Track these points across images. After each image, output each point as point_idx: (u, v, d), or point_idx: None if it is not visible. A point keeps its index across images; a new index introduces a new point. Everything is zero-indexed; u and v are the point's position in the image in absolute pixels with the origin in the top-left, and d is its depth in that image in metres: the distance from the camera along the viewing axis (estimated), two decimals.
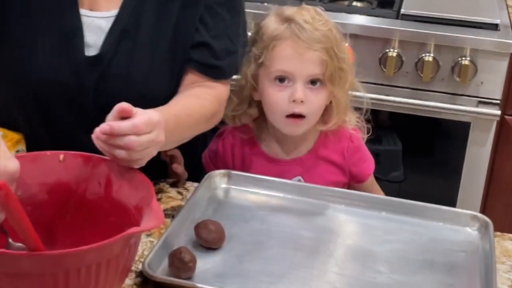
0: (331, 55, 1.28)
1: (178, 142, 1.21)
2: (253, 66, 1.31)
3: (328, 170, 1.36)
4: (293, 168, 1.35)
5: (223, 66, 1.24)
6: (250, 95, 1.34)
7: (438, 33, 1.95)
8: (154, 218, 0.88)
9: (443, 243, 1.13)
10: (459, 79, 1.95)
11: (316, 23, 1.28)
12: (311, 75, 1.28)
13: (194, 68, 1.23)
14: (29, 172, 0.98)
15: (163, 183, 1.27)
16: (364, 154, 1.39)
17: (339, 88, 1.30)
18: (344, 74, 1.31)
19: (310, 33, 1.26)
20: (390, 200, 1.24)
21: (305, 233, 1.14)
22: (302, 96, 1.27)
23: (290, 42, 1.27)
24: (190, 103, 1.19)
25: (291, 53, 1.27)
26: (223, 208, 1.19)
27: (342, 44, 1.32)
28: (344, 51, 1.32)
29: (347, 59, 1.32)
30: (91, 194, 1.00)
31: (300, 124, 1.30)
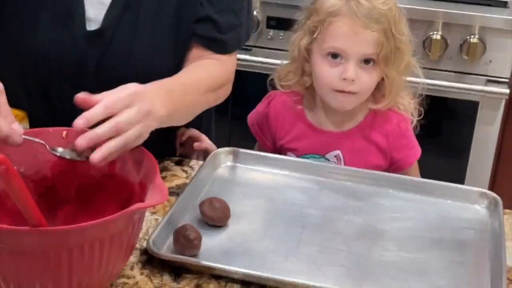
0: (388, 36, 1.24)
1: (191, 113, 1.18)
2: (307, 39, 1.29)
3: (370, 150, 1.33)
4: (334, 141, 1.33)
5: (226, 40, 1.23)
6: (302, 66, 1.33)
7: (446, 11, 1.93)
8: (158, 194, 0.86)
9: (452, 221, 1.12)
10: (467, 57, 1.93)
11: (376, 1, 1.24)
12: (365, 54, 1.25)
13: (198, 43, 1.21)
14: (32, 149, 0.96)
15: (168, 161, 1.26)
16: (409, 141, 1.35)
17: (393, 69, 1.27)
18: (400, 54, 1.27)
19: (368, 11, 1.23)
20: (398, 177, 1.22)
21: (312, 211, 1.13)
22: (354, 75, 1.25)
23: (347, 20, 1.23)
24: (197, 72, 1.18)
25: (346, 30, 1.24)
26: (228, 186, 1.18)
27: (402, 24, 1.28)
28: (403, 32, 1.28)
29: (405, 39, 1.28)
30: (95, 171, 0.98)
31: (349, 98, 1.28)
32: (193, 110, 1.18)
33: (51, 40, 1.15)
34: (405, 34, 1.28)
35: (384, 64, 1.26)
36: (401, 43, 1.27)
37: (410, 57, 1.30)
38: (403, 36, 1.27)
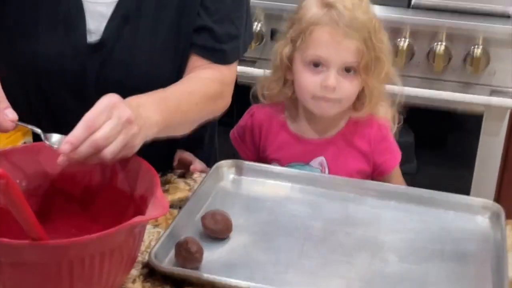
0: (368, 45, 1.26)
1: (189, 122, 1.17)
2: (289, 48, 1.31)
3: (353, 156, 1.34)
4: (318, 148, 1.34)
5: (226, 50, 1.23)
6: (284, 75, 1.34)
7: (450, 22, 1.93)
8: (158, 207, 0.87)
9: (454, 232, 1.12)
10: (471, 68, 1.93)
11: (357, 11, 1.26)
12: (346, 62, 1.27)
13: (197, 53, 1.22)
14: (34, 163, 0.98)
15: (171, 174, 1.27)
16: (390, 144, 1.37)
17: (374, 78, 1.29)
18: (380, 64, 1.29)
19: (349, 20, 1.25)
20: (399, 188, 1.22)
21: (314, 223, 1.13)
22: (335, 83, 1.26)
23: (328, 28, 1.25)
24: (190, 82, 1.18)
25: (328, 39, 1.25)
26: (230, 198, 1.18)
27: (381, 33, 1.30)
28: (383, 41, 1.30)
29: (385, 49, 1.30)
30: (96, 184, 0.99)
31: (331, 104, 1.29)
32: (191, 119, 1.17)
33: (52, 53, 1.16)
34: (385, 43, 1.31)
35: (364, 72, 1.28)
36: (381, 52, 1.29)
37: (389, 66, 1.32)
38: (382, 45, 1.29)
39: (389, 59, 1.32)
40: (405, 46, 1.92)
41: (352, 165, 1.34)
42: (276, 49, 1.34)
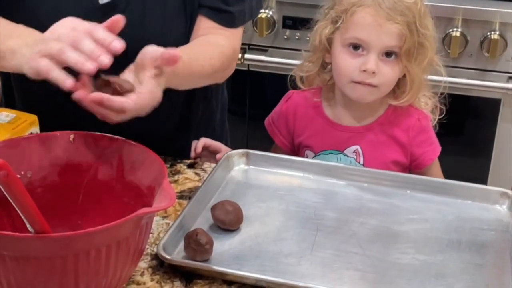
0: (412, 29, 1.22)
1: (194, 77, 1.16)
2: (329, 29, 1.27)
3: (390, 146, 1.30)
4: (353, 136, 1.31)
5: (233, 11, 1.22)
6: (322, 56, 1.31)
7: (466, 7, 1.89)
8: (165, 198, 0.84)
9: (471, 222, 1.09)
10: (488, 54, 1.89)
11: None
12: (387, 47, 1.22)
13: (204, 14, 1.22)
14: (39, 153, 0.96)
15: (180, 164, 1.24)
16: (429, 136, 1.32)
17: (416, 65, 1.25)
18: (423, 50, 1.24)
19: (393, 3, 1.21)
20: (415, 178, 1.19)
21: (327, 213, 1.10)
22: (374, 67, 1.22)
23: (371, 10, 1.21)
24: (200, 43, 1.19)
25: (370, 21, 1.21)
26: (241, 188, 1.16)
27: (427, 19, 1.25)
28: (428, 27, 1.25)
29: (430, 35, 1.25)
30: (102, 175, 0.97)
31: (369, 90, 1.25)
32: (196, 72, 1.15)
33: (63, 15, 1.14)
34: (430, 30, 1.25)
35: (406, 58, 1.23)
36: (425, 39, 1.24)
37: (433, 54, 1.27)
38: (427, 32, 1.24)
39: (433, 46, 1.27)
40: None
41: (388, 155, 1.29)
42: (316, 30, 1.30)
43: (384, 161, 1.27)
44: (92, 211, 0.97)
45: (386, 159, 1.28)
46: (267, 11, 2.01)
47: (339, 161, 1.30)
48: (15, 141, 0.97)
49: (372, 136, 1.30)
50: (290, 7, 2.02)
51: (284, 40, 2.05)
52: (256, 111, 2.14)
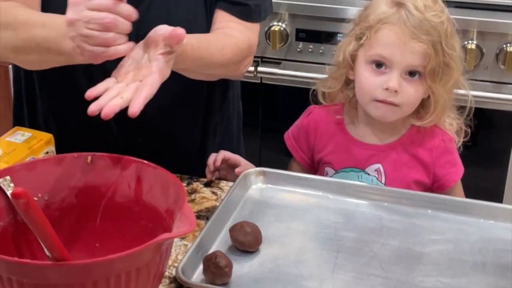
0: (437, 49, 1.19)
1: (207, 65, 1.17)
2: (353, 45, 1.25)
3: (412, 165, 1.28)
4: (375, 154, 1.28)
5: (250, 5, 1.25)
6: (346, 73, 1.29)
7: (481, 19, 1.87)
8: (185, 223, 0.83)
9: (495, 243, 1.06)
10: (504, 66, 1.87)
11: (428, 13, 1.19)
12: (411, 66, 1.20)
13: (222, 7, 1.24)
14: (56, 176, 0.95)
15: (197, 182, 1.23)
16: (454, 157, 1.30)
17: (441, 85, 1.22)
18: (449, 71, 1.22)
19: (418, 22, 1.18)
20: (435, 197, 1.17)
21: (347, 233, 1.08)
22: (397, 85, 1.20)
23: (396, 28, 1.19)
24: (218, 33, 1.22)
25: (394, 39, 1.19)
26: (259, 208, 1.14)
27: (454, 40, 1.23)
28: (454, 48, 1.23)
29: (456, 56, 1.23)
30: (120, 197, 0.96)
31: (391, 109, 1.23)
32: (206, 59, 1.15)
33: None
34: (456, 50, 1.23)
35: (430, 79, 1.21)
36: (451, 59, 1.21)
37: (459, 75, 1.25)
38: (453, 52, 1.22)
39: (459, 67, 1.24)
40: None
41: (411, 175, 1.27)
42: (340, 46, 1.28)
43: (406, 180, 1.24)
44: (110, 234, 0.95)
45: (408, 179, 1.26)
46: (280, 23, 2.00)
47: (360, 179, 1.27)
48: (32, 163, 0.96)
49: (394, 155, 1.28)
50: (303, 19, 2.00)
51: (297, 52, 2.04)
52: (269, 123, 2.13)
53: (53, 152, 1.16)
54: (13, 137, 1.14)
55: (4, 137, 1.14)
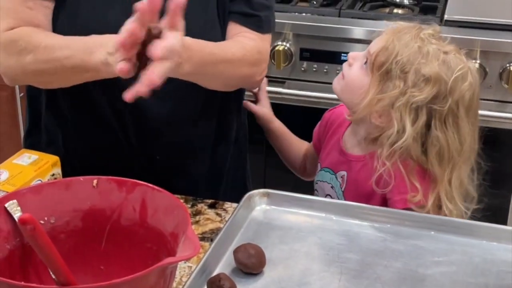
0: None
1: (223, 76, 1.24)
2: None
3: (369, 179, 1.28)
4: (346, 162, 1.32)
5: (261, 16, 1.30)
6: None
7: (484, 39, 1.89)
8: (189, 247, 0.83)
9: (499, 265, 1.07)
10: (507, 85, 1.88)
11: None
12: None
13: (234, 20, 1.29)
14: (62, 199, 0.96)
15: (201, 204, 1.24)
16: (404, 185, 1.26)
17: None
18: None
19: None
20: (439, 218, 1.17)
21: (350, 255, 1.09)
22: (353, 56, 1.31)
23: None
24: (230, 42, 1.27)
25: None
26: (263, 230, 1.15)
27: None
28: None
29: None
30: (125, 220, 0.97)
31: (337, 79, 1.33)
32: (215, 54, 1.19)
33: (116, 20, 1.13)
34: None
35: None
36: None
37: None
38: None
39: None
40: None
41: (366, 189, 1.27)
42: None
43: (359, 194, 1.26)
44: (115, 257, 0.96)
45: (361, 193, 1.27)
46: (284, 43, 2.02)
47: (331, 181, 1.34)
48: (39, 187, 0.97)
49: (359, 167, 1.29)
50: (307, 39, 2.02)
51: (301, 72, 2.06)
52: None
53: (59, 174, 1.17)
54: (20, 160, 1.15)
55: (11, 160, 1.15)
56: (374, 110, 1.24)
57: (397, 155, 1.23)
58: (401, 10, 2.11)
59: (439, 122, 1.23)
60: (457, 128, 1.24)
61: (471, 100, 1.24)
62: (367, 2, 2.14)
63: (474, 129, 1.27)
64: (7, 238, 0.89)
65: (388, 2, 2.14)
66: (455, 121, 1.23)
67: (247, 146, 1.51)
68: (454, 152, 1.24)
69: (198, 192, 1.29)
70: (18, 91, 2.33)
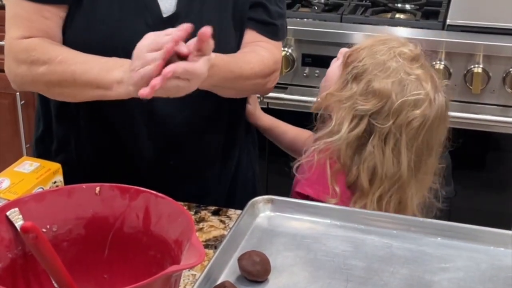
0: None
1: (236, 83, 1.26)
2: None
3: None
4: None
5: (277, 25, 1.33)
6: None
7: (487, 43, 1.88)
8: (194, 254, 0.82)
9: (506, 270, 1.05)
10: (510, 90, 1.87)
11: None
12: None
13: (252, 27, 1.31)
14: (65, 207, 0.95)
15: (205, 211, 1.22)
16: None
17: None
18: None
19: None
20: (445, 224, 1.16)
21: (356, 262, 1.07)
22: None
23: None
24: (247, 51, 1.30)
25: None
26: (267, 236, 1.14)
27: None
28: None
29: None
30: (129, 227, 0.95)
31: None
32: (235, 72, 1.23)
33: (128, 29, 1.20)
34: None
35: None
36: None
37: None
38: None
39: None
40: (441, 68, 1.87)
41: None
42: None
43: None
44: (118, 264, 0.95)
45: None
46: (286, 49, 2.01)
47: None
48: (41, 194, 0.96)
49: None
50: (309, 45, 2.01)
51: (303, 77, 2.05)
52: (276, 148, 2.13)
53: (61, 181, 1.16)
54: (21, 167, 1.14)
55: (12, 167, 1.14)
56: (328, 104, 1.27)
57: (328, 153, 1.24)
58: (403, 15, 2.10)
59: (378, 139, 1.21)
60: (398, 152, 1.21)
61: (419, 130, 1.21)
62: (369, 7, 2.13)
63: (419, 159, 1.23)
64: (9, 246, 0.88)
65: (390, 7, 2.14)
66: (396, 144, 1.21)
67: (257, 149, 1.52)
68: (388, 174, 1.22)
69: (210, 195, 1.31)
70: (19, 99, 2.31)
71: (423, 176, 1.26)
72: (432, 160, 1.26)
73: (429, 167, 1.27)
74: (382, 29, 1.97)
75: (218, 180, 1.39)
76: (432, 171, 1.28)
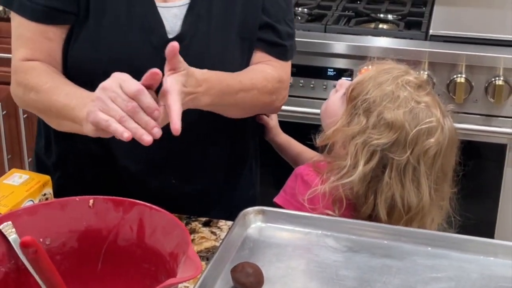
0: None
1: (242, 106, 1.27)
2: None
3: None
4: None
5: (286, 45, 1.32)
6: None
7: (469, 53, 1.90)
8: (191, 267, 0.83)
9: (496, 280, 1.06)
10: (493, 100, 1.89)
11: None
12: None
13: (261, 48, 1.31)
14: (58, 220, 0.94)
15: (195, 222, 1.22)
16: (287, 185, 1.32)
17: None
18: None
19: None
20: (436, 234, 1.17)
21: (348, 272, 1.08)
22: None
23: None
24: (251, 70, 1.29)
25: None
26: (259, 247, 1.14)
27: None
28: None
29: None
30: (122, 240, 0.95)
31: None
32: (234, 86, 1.22)
33: (134, 49, 1.21)
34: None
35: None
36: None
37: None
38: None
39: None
40: (424, 78, 1.89)
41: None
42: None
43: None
44: (112, 278, 0.95)
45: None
46: None
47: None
48: (34, 208, 0.95)
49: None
50: (304, 56, 2.01)
51: (299, 88, 2.04)
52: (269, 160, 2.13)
53: (50, 194, 1.16)
54: (11, 180, 1.13)
55: (1, 180, 1.13)
56: (337, 140, 1.24)
57: (340, 188, 1.22)
58: (386, 26, 2.12)
59: (395, 171, 1.19)
60: (418, 182, 1.20)
61: (436, 157, 1.20)
62: (352, 18, 2.15)
63: (437, 187, 1.23)
64: (2, 260, 0.87)
65: (373, 17, 2.15)
66: (415, 175, 1.20)
67: (258, 164, 1.51)
68: (410, 206, 1.20)
69: (210, 210, 1.31)
70: (1, 109, 2.30)
71: (441, 202, 1.26)
72: (447, 185, 1.26)
73: (445, 193, 1.26)
74: (365, 39, 1.98)
75: (218, 195, 1.38)
76: (447, 197, 1.27)
